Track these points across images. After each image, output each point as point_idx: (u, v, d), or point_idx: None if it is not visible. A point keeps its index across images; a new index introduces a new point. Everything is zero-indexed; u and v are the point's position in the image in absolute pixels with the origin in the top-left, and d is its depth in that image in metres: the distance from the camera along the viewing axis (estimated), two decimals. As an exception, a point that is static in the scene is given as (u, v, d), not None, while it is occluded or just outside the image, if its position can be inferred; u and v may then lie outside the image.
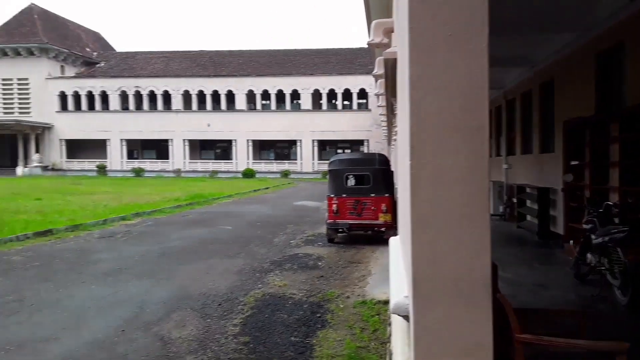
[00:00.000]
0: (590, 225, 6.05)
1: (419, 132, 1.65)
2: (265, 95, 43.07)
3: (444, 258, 1.64)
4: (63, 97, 44.72)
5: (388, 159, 11.02)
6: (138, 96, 44.39)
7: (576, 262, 6.39)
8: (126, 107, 44.71)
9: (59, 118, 44.53)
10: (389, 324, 4.72)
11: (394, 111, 6.76)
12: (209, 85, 43.25)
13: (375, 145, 39.24)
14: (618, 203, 6.48)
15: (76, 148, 45.20)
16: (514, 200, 12.25)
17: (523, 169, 12.05)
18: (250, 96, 43.29)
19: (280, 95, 42.84)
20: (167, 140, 43.86)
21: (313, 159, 42.20)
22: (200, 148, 45.94)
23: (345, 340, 4.71)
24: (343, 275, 7.53)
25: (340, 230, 10.32)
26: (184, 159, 43.76)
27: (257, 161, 43.51)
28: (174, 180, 36.34)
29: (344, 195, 10.19)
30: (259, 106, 43.34)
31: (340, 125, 41.28)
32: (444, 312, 1.64)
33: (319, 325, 5.20)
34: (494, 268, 1.75)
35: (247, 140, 42.87)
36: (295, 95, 42.85)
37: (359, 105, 42.03)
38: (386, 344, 4.51)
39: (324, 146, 43.30)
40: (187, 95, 43.80)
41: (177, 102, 43.80)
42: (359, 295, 6.36)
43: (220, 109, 43.47)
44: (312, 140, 42.06)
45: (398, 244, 3.49)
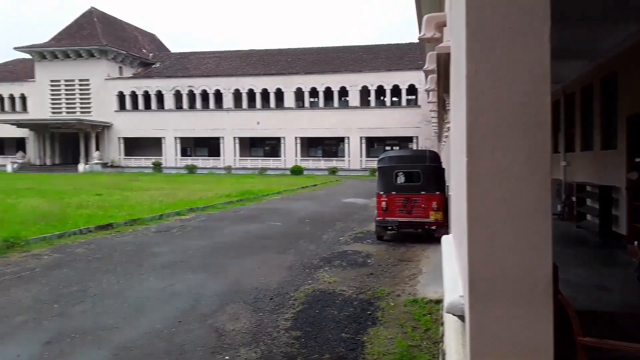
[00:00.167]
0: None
1: (476, 129, 1.62)
2: (314, 92, 43.31)
3: (502, 257, 1.60)
4: (121, 96, 46.89)
5: (439, 155, 10.80)
6: (191, 95, 45.80)
7: (641, 264, 6.06)
8: (180, 106, 46.25)
9: (117, 117, 46.76)
10: (442, 324, 4.65)
11: (446, 107, 6.61)
12: (258, 84, 43.99)
13: (424, 142, 38.51)
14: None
15: (133, 146, 47.28)
16: (573, 199, 11.77)
17: (583, 166, 11.57)
18: (299, 94, 43.66)
19: (328, 92, 42.95)
20: (219, 138, 45.02)
21: (361, 156, 42.05)
22: (250, 145, 46.87)
23: (396, 339, 4.68)
24: (393, 273, 7.47)
25: (389, 228, 10.26)
26: (234, 156, 44.76)
27: (305, 158, 43.88)
28: (224, 177, 37.19)
29: (394, 192, 10.10)
30: (307, 104, 43.63)
31: (389, 122, 40.85)
32: (502, 312, 1.61)
33: (370, 323, 5.19)
34: (555, 268, 1.70)
35: (296, 137, 43.29)
36: (343, 92, 42.83)
37: (408, 101, 41.41)
38: (438, 343, 4.45)
39: (372, 143, 42.98)
40: (237, 94, 44.77)
41: (228, 100, 44.86)
42: (409, 293, 6.29)
43: (270, 107, 44.14)
44: (360, 137, 41.91)
45: (451, 242, 3.44)
